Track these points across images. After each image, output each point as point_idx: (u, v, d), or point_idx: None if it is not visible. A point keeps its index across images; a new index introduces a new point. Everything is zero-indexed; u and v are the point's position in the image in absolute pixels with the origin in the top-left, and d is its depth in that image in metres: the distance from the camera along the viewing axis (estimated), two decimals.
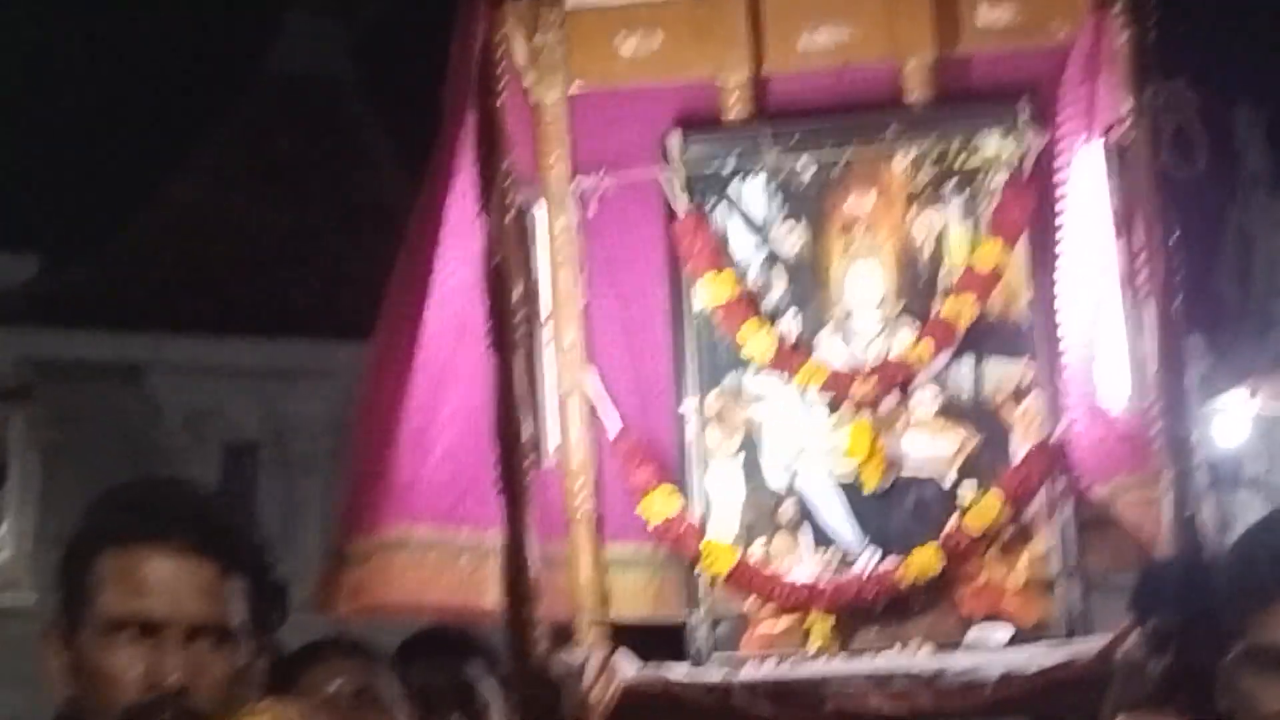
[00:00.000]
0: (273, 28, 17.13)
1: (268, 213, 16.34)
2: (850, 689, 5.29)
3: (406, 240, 5.57)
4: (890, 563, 5.62)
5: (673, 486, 5.73)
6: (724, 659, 5.62)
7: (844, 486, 5.72)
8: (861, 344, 5.79)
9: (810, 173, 5.87)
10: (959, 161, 5.83)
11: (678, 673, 5.52)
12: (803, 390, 5.75)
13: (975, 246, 5.77)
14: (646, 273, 5.92)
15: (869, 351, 5.77)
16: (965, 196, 5.82)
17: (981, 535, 5.61)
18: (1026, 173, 5.75)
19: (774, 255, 5.87)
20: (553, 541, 5.68)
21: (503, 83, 5.33)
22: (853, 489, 5.71)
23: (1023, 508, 5.64)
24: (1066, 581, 5.60)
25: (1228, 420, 15.27)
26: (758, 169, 5.87)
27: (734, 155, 5.89)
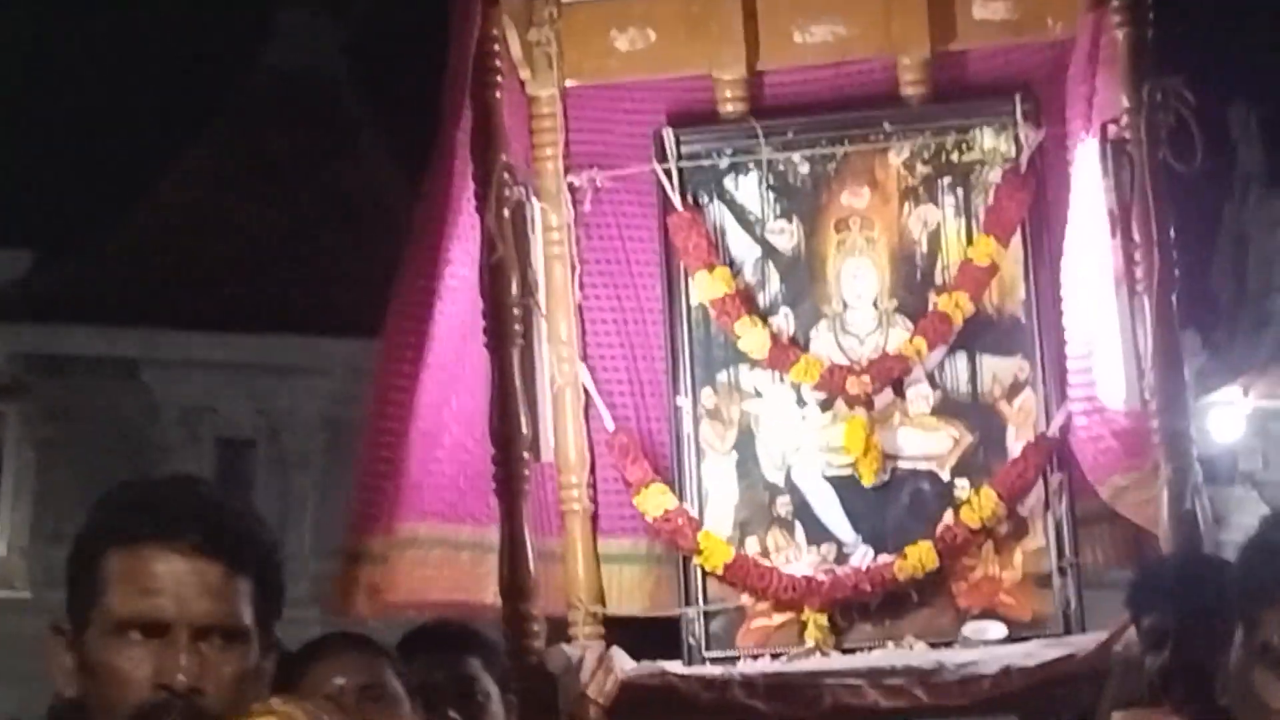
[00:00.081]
0: (267, 25, 17.12)
1: (262, 210, 16.34)
2: (848, 684, 5.29)
3: (411, 238, 5.57)
4: (886, 558, 5.62)
5: (665, 485, 5.73)
6: (719, 654, 5.62)
7: (839, 482, 5.72)
8: (856, 340, 5.79)
9: (805, 168, 5.87)
10: (954, 157, 5.83)
11: (676, 667, 5.52)
12: (797, 386, 5.75)
13: (970, 242, 5.76)
14: (641, 268, 5.91)
15: (864, 347, 5.77)
16: (960, 192, 5.81)
17: (977, 531, 5.60)
18: (1022, 169, 5.75)
19: (769, 251, 5.87)
20: (551, 537, 5.68)
21: (498, 78, 5.34)
22: (848, 484, 5.71)
23: (1018, 503, 5.64)
24: (1062, 577, 5.60)
25: (1222, 416, 15.27)
26: (752, 165, 5.87)
27: (728, 151, 5.89)
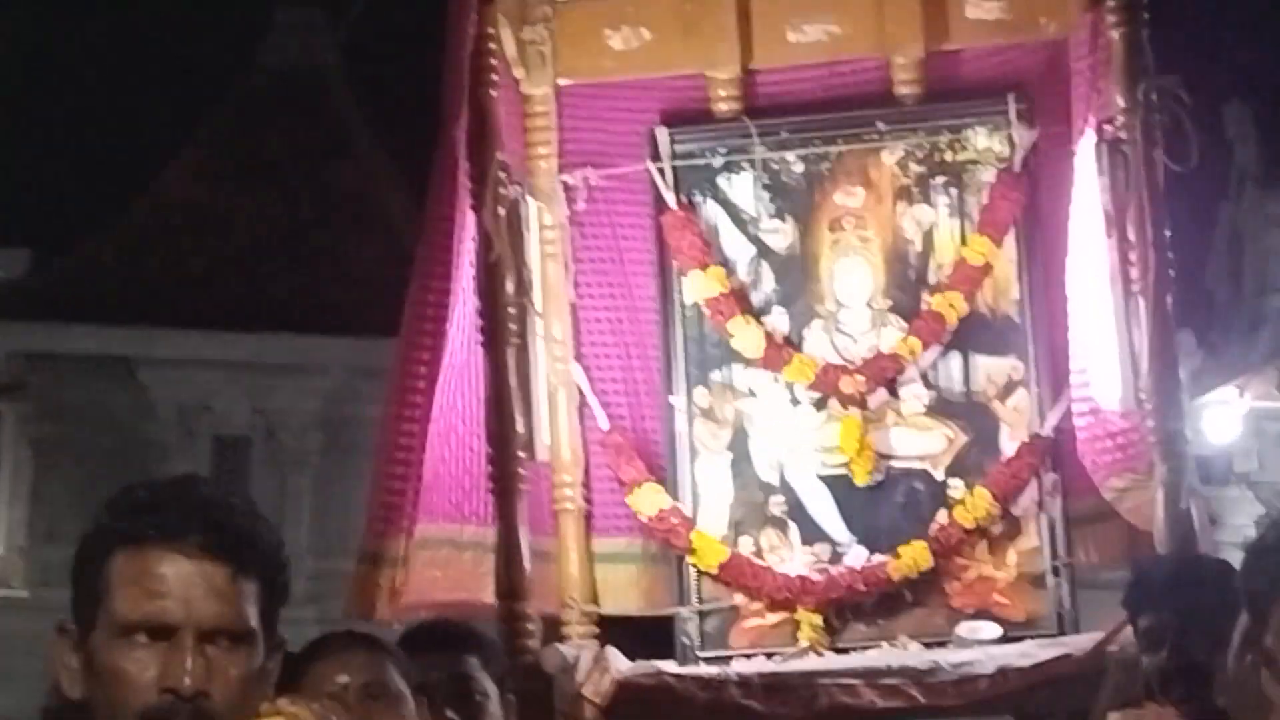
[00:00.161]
0: (262, 22, 17.11)
1: (260, 209, 16.32)
2: (844, 684, 5.29)
3: (421, 239, 5.57)
4: (880, 558, 5.62)
5: (659, 485, 5.73)
6: (713, 653, 5.62)
7: (833, 482, 5.71)
8: (850, 339, 5.78)
9: (799, 168, 5.87)
10: (948, 157, 5.82)
11: (671, 667, 5.52)
12: (791, 385, 5.75)
13: (964, 242, 5.76)
14: (635, 267, 5.91)
15: (858, 347, 5.76)
16: (954, 192, 5.82)
17: (971, 530, 5.61)
18: (1015, 168, 5.75)
19: (763, 250, 5.87)
20: (547, 536, 5.68)
21: (493, 77, 5.34)
22: (842, 484, 5.70)
23: (1012, 503, 5.64)
24: (1055, 577, 5.60)
25: (1218, 417, 15.26)
26: (746, 164, 5.87)
27: (722, 150, 5.88)
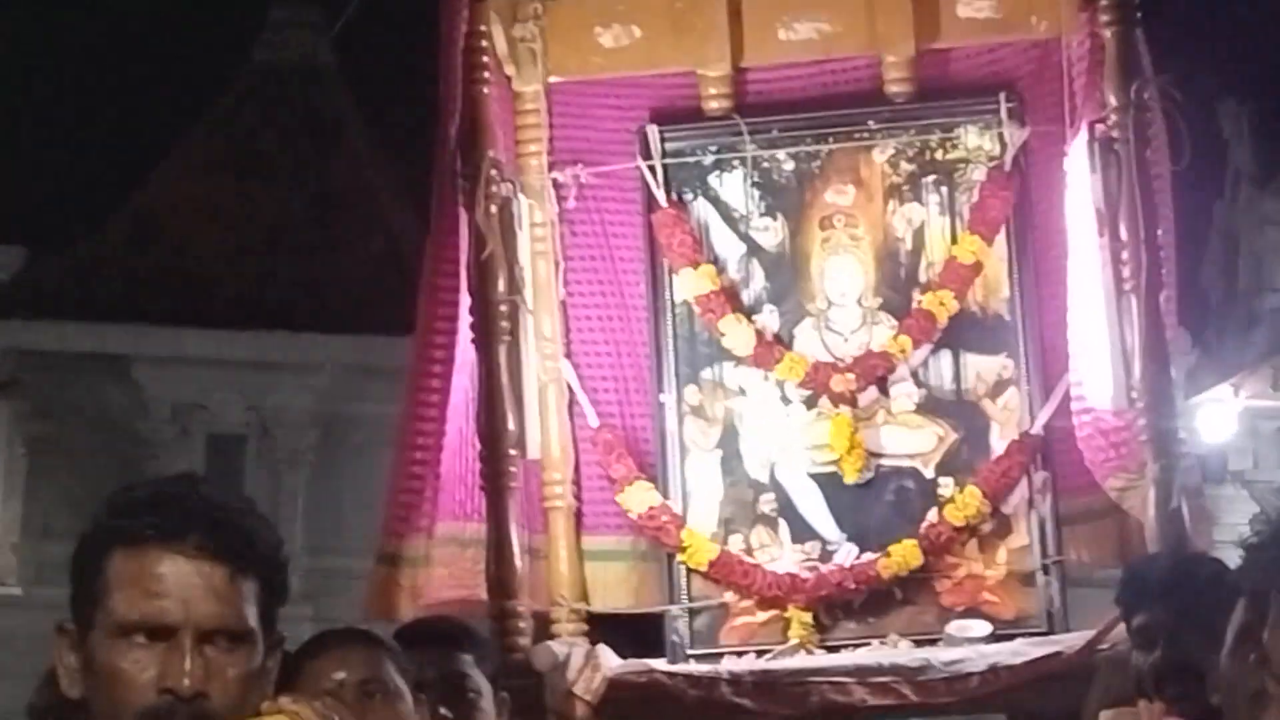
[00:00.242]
0: (257, 19, 17.08)
1: (252, 205, 16.29)
2: (835, 682, 5.29)
3: (430, 240, 5.58)
4: (870, 556, 5.62)
5: (649, 482, 5.72)
6: (703, 651, 5.62)
7: (824, 480, 5.71)
8: (841, 337, 5.78)
9: (789, 166, 5.87)
10: (938, 155, 5.82)
11: (663, 665, 5.52)
12: (782, 383, 5.75)
13: (955, 240, 5.76)
14: (625, 265, 5.91)
15: (848, 345, 5.77)
16: (945, 191, 5.82)
17: (961, 528, 5.61)
18: (1006, 167, 5.75)
19: (753, 248, 5.87)
20: (540, 534, 5.68)
21: (485, 74, 5.34)
22: (832, 482, 5.71)
23: (1002, 501, 5.64)
24: (1045, 575, 5.60)
25: (1212, 416, 15.24)
26: (737, 162, 5.87)
27: (713, 148, 5.88)
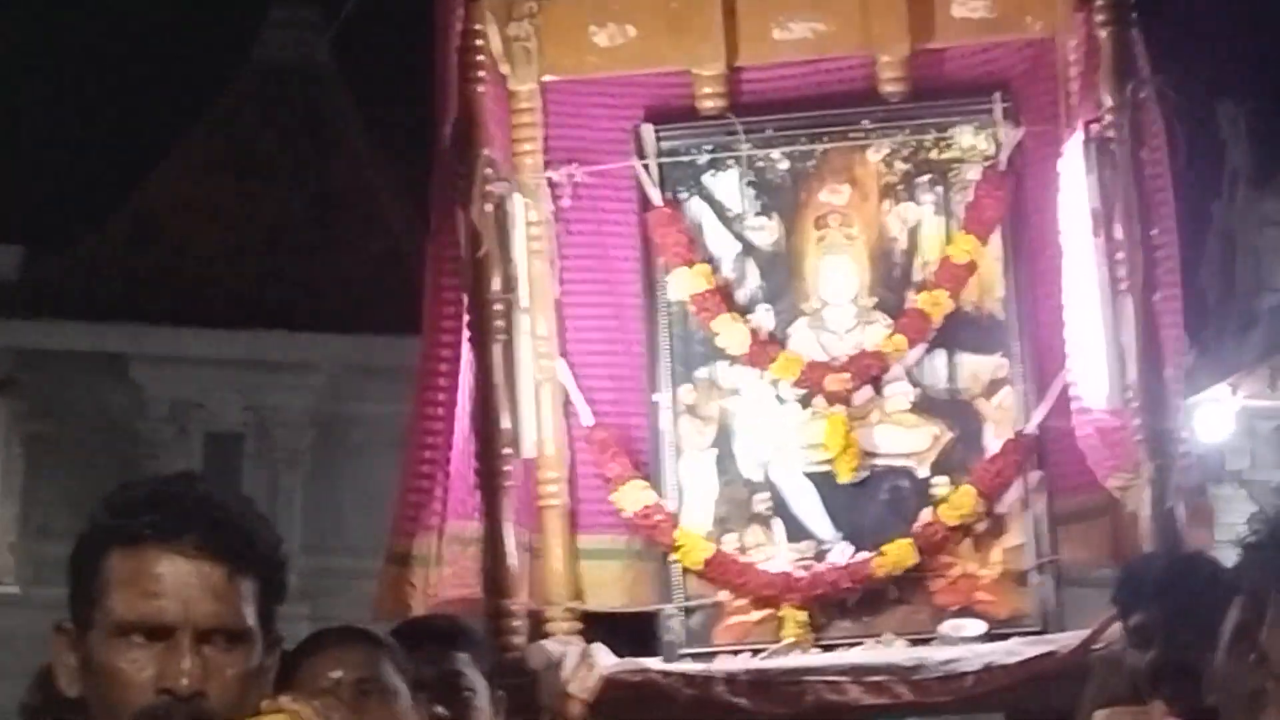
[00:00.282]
0: (256, 19, 17.08)
1: (252, 205, 16.29)
2: (830, 681, 5.29)
3: (431, 239, 5.59)
4: (864, 555, 5.62)
5: (643, 481, 5.73)
6: (697, 650, 5.62)
7: (818, 479, 5.72)
8: (835, 337, 5.79)
9: (784, 165, 5.87)
10: (933, 155, 5.83)
11: (658, 664, 5.52)
12: (776, 382, 5.75)
13: (949, 240, 5.77)
14: (620, 264, 5.92)
15: (843, 344, 5.77)
16: (939, 190, 5.82)
17: (955, 528, 5.62)
18: (1001, 167, 5.75)
19: (748, 247, 5.87)
20: (535, 532, 5.68)
21: (480, 73, 5.34)
22: (827, 481, 5.71)
23: (996, 501, 5.64)
24: (1040, 574, 5.60)
25: (1210, 415, 15.24)
26: (731, 161, 5.87)
27: (708, 147, 5.88)
